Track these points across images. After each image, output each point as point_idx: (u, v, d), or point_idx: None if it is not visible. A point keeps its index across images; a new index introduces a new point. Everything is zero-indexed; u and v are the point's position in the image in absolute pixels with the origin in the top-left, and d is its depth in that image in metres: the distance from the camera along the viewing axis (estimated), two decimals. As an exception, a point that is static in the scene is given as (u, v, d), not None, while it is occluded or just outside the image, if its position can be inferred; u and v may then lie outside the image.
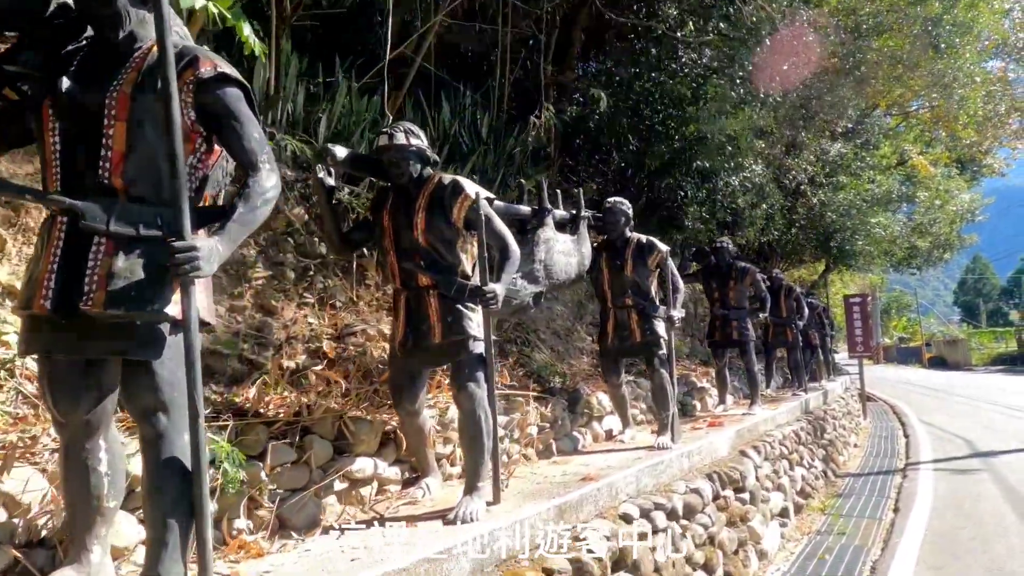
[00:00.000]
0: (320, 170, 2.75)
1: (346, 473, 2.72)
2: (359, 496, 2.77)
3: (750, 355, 6.70)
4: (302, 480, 2.54)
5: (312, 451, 2.57)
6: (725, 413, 6.64)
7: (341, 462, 2.71)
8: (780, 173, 12.78)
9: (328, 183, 2.80)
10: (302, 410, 2.66)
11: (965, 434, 10.81)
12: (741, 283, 6.70)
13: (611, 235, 4.75)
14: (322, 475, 2.62)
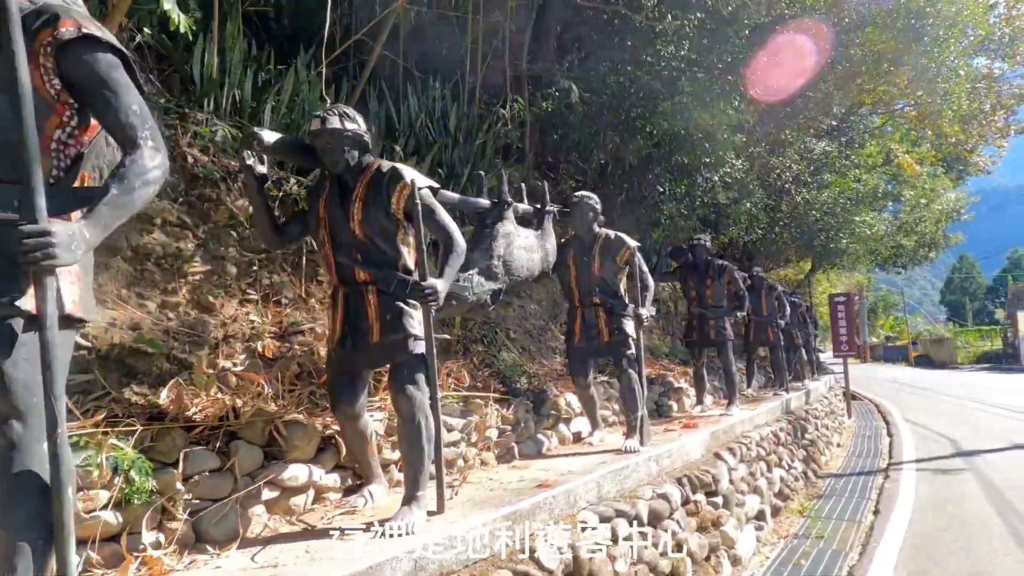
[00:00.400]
0: (248, 156, 2.56)
1: (276, 481, 2.53)
2: (290, 506, 2.58)
3: (728, 355, 6.55)
4: (225, 489, 2.35)
5: (237, 457, 2.38)
6: (702, 414, 6.49)
7: (271, 469, 2.52)
8: (764, 172, 12.69)
9: (258, 170, 2.60)
10: (227, 413, 2.47)
11: (949, 433, 10.74)
12: (719, 281, 6.55)
13: (578, 231, 4.58)
14: (249, 483, 2.44)
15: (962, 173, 20.58)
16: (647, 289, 4.60)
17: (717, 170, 7.37)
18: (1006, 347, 29.44)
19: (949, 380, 22.45)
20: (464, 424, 3.73)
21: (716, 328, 6.54)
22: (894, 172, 18.55)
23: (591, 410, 4.76)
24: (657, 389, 6.60)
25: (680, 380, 7.19)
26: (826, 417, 10.31)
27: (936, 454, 9.06)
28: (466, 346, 4.73)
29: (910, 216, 17.53)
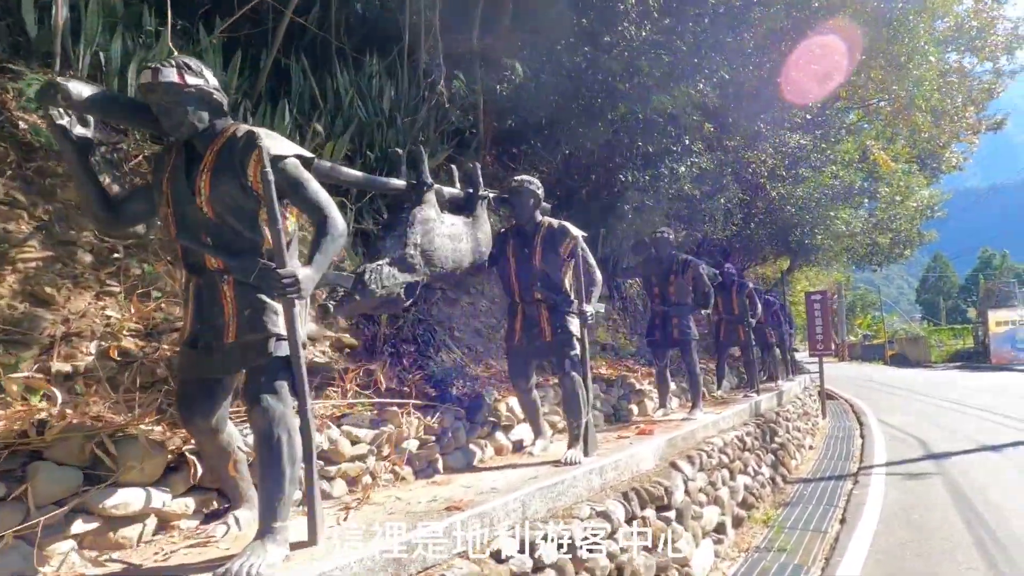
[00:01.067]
0: (59, 115, 2.07)
1: (96, 509, 2.06)
2: (118, 539, 2.11)
3: (691, 355, 6.15)
4: (12, 521, 1.87)
5: (31, 482, 1.90)
6: (664, 418, 6.10)
7: (87, 495, 2.04)
8: (740, 166, 12.35)
9: (76, 133, 2.12)
10: (29, 429, 1.98)
11: (920, 434, 10.49)
12: (682, 277, 6.15)
13: (519, 219, 4.14)
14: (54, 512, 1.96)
15: (936, 171, 20.51)
16: (593, 284, 4.17)
17: (684, 159, 6.97)
18: (977, 345, 29.57)
19: (923, 379, 22.40)
20: (375, 436, 3.28)
21: (680, 327, 6.14)
22: (870, 168, 18.40)
23: (534, 416, 4.32)
24: (617, 392, 6.19)
25: (643, 382, 6.79)
26: (799, 419, 9.99)
27: (907, 456, 8.79)
28: (396, 346, 4.27)
29: (885, 213, 17.34)
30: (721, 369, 8.62)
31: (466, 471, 3.73)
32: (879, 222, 17.32)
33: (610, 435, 4.99)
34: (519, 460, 4.03)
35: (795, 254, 12.71)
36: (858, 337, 47.67)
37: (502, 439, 4.24)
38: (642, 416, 6.25)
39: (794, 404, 9.99)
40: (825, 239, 12.21)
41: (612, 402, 5.95)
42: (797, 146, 12.06)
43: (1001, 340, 26.34)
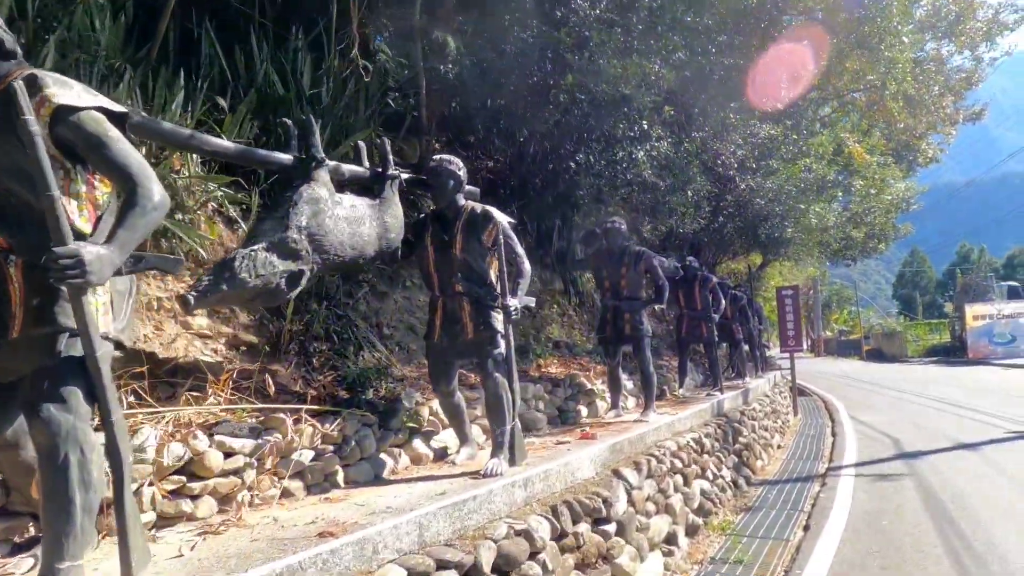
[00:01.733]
0: None
1: None
2: None
3: (644, 352, 5.78)
4: None
5: None
6: (616, 420, 5.73)
7: None
8: (708, 158, 12.03)
9: None
10: None
11: (894, 432, 10.25)
12: (635, 270, 5.77)
13: (438, 203, 3.73)
14: None
15: (912, 164, 20.43)
16: (521, 276, 3.77)
17: (642, 144, 6.60)
18: (954, 340, 29.71)
19: (898, 375, 22.35)
20: (255, 446, 2.85)
21: (632, 322, 5.77)
22: (845, 161, 18.23)
23: (458, 422, 3.92)
24: (564, 392, 5.80)
25: (595, 382, 6.41)
26: (766, 417, 9.70)
27: (878, 455, 8.52)
28: (303, 344, 3.84)
29: (860, 207, 17.16)
30: (683, 367, 8.28)
31: (372, 484, 3.32)
32: (853, 215, 17.14)
33: (550, 440, 4.61)
34: (437, 471, 3.63)
35: (765, 248, 12.42)
36: (834, 332, 47.91)
37: (421, 447, 3.83)
38: (592, 419, 5.88)
39: (762, 402, 9.70)
40: (796, 232, 11.92)
41: (558, 403, 5.57)
42: (767, 137, 11.76)
43: (978, 334, 26.43)
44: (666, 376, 8.43)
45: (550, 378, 5.82)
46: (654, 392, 5.84)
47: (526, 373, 5.74)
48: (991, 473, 7.03)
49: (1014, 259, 59.46)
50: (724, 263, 17.31)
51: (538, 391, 5.32)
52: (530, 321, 6.88)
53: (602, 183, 6.43)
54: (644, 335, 5.76)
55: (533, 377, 5.72)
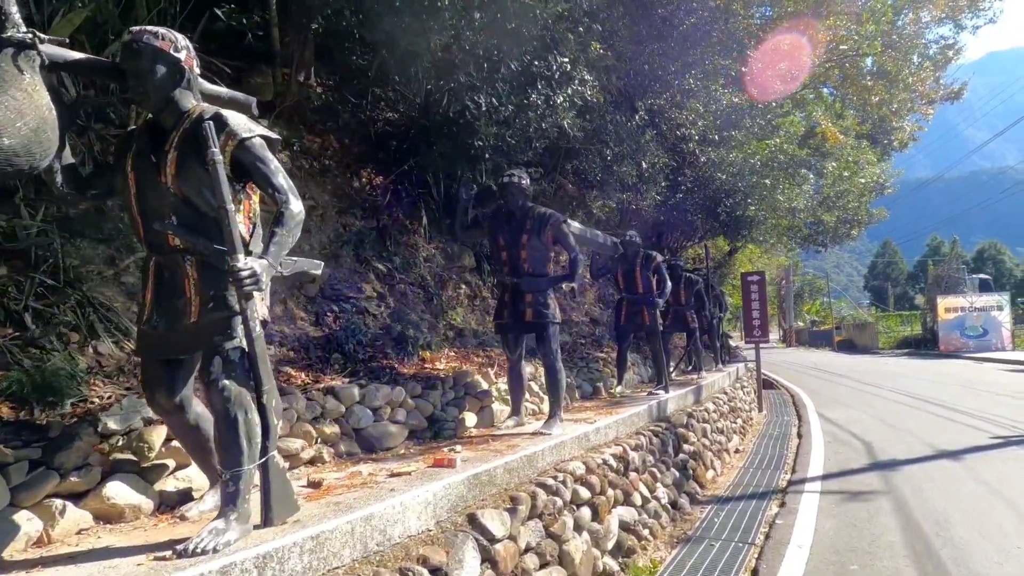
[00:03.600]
0: None
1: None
2: None
3: (549, 343, 4.44)
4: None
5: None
6: (513, 431, 4.40)
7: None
8: (666, 128, 10.74)
9: None
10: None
11: (865, 432, 9.12)
12: (538, 239, 4.43)
13: (144, 106, 2.33)
14: None
15: (887, 148, 19.40)
16: (282, 223, 2.33)
17: (563, 87, 5.25)
18: (925, 332, 29.02)
19: (869, 367, 21.44)
20: None
21: (535, 305, 4.42)
22: (817, 144, 17.12)
23: (201, 456, 2.52)
24: (445, 395, 4.45)
25: (498, 380, 5.07)
26: (723, 418, 8.46)
27: (848, 464, 7.35)
28: None
29: (832, 189, 16.04)
30: (622, 360, 6.97)
31: None
32: (825, 199, 16.01)
33: (391, 466, 3.24)
34: (122, 540, 2.23)
35: (727, 228, 11.18)
36: (806, 323, 47.32)
37: (124, 496, 2.42)
38: (482, 430, 4.53)
39: (718, 400, 8.45)
40: (760, 211, 10.68)
41: (429, 411, 4.21)
42: (730, 105, 10.49)
43: (949, 327, 25.69)
44: (602, 372, 7.12)
45: (429, 376, 4.47)
46: (561, 395, 4.50)
47: (395, 371, 4.38)
48: (979, 491, 5.86)
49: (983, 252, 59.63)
50: (691, 248, 16.11)
51: (396, 395, 3.96)
52: (425, 306, 5.51)
53: (509, 134, 5.06)
54: (548, 320, 4.42)
55: (404, 375, 4.36)
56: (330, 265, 4.70)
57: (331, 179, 5.21)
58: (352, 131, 5.83)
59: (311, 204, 4.77)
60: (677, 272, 8.86)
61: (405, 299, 5.24)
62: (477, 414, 4.55)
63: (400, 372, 4.40)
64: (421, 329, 5.22)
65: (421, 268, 5.53)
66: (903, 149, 19.31)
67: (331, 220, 4.98)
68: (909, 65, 12.27)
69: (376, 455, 3.56)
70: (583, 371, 6.73)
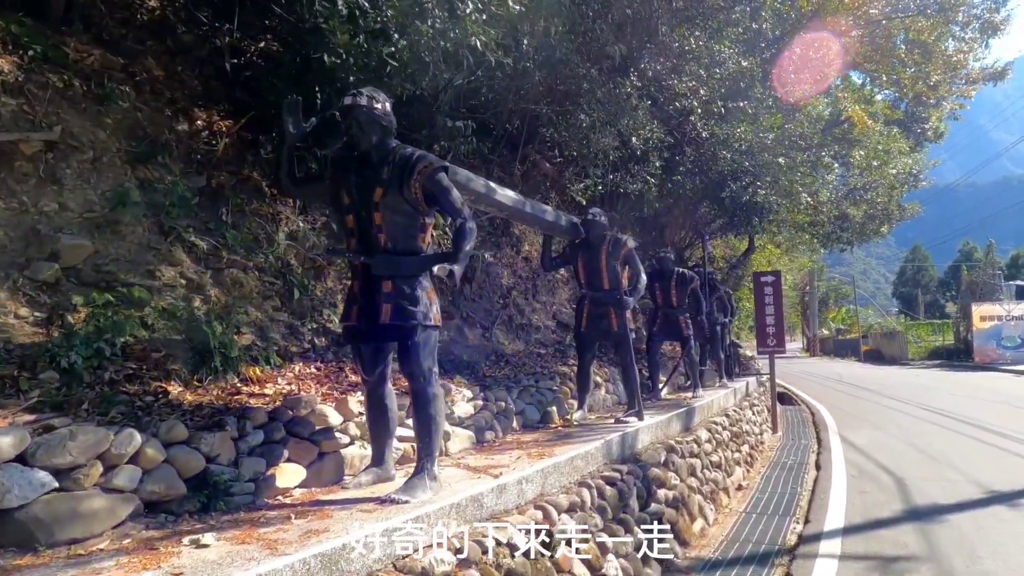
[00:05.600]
0: None
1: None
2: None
3: (416, 359, 2.85)
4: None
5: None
6: (360, 494, 2.83)
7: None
8: (664, 99, 9.10)
9: None
10: None
11: (897, 464, 7.40)
12: (401, 191, 2.87)
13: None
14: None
15: (920, 137, 17.46)
16: None
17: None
18: (958, 342, 26.84)
19: (899, 379, 19.44)
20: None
21: (395, 298, 2.85)
22: (842, 133, 15.31)
23: None
24: (252, 436, 2.87)
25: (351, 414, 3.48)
26: (722, 448, 6.78)
27: (876, 510, 5.70)
28: None
29: (859, 180, 14.21)
30: (584, 376, 5.34)
31: None
32: (851, 191, 14.18)
33: None
34: None
35: (733, 216, 9.49)
36: (831, 331, 44.93)
37: None
38: (318, 490, 2.95)
39: (714, 426, 6.77)
40: (772, 195, 8.98)
41: (196, 468, 2.58)
42: (738, 70, 8.83)
43: (985, 337, 23.53)
44: (558, 392, 5.51)
45: (229, 408, 2.92)
46: (434, 437, 2.89)
47: (162, 400, 2.83)
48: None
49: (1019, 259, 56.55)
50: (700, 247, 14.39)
51: (122, 444, 2.39)
52: (283, 301, 3.97)
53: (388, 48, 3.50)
54: (418, 324, 2.85)
55: (183, 405, 2.81)
56: (102, 236, 3.17)
57: (125, 112, 3.69)
58: (201, 61, 4.36)
59: (75, 144, 3.25)
60: (666, 266, 7.21)
61: (241, 290, 3.70)
62: (311, 466, 2.97)
63: (176, 399, 2.85)
64: (267, 335, 3.68)
65: (280, 249, 3.98)
66: (938, 140, 17.37)
67: (113, 169, 3.47)
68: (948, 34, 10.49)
69: (35, 555, 2.00)
70: (529, 391, 5.13)
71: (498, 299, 6.31)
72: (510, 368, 5.48)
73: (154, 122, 4.01)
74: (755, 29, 8.96)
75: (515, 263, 6.84)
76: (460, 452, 3.92)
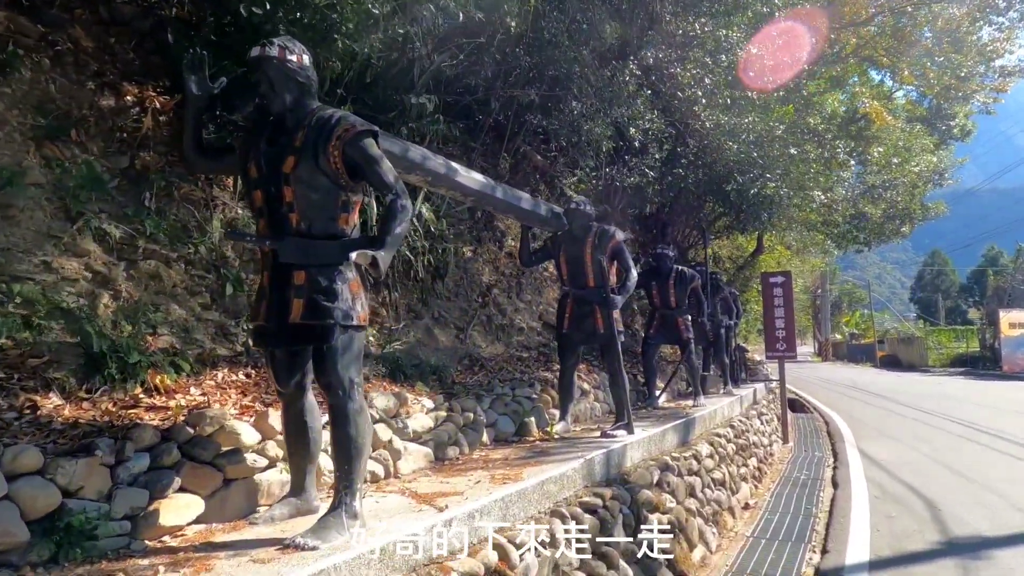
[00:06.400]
0: None
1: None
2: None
3: (334, 367, 2.28)
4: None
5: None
6: (276, 531, 2.30)
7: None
8: (666, 88, 8.54)
9: None
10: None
11: (925, 484, 6.77)
12: (316, 161, 2.35)
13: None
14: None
15: (945, 135, 16.68)
16: None
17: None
18: (984, 350, 25.87)
19: (919, 387, 18.63)
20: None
21: (310, 291, 2.33)
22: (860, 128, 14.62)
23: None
24: (130, 464, 2.35)
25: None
26: (726, 462, 6.19)
27: (906, 539, 5.08)
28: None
29: (877, 178, 13.51)
30: (567, 384, 4.78)
31: None
32: (869, 189, 13.48)
33: None
34: None
35: (738, 212, 8.87)
36: (844, 336, 43.84)
37: None
38: (219, 525, 2.42)
39: (719, 439, 6.18)
40: (781, 187, 8.36)
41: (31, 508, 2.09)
42: (747, 56, 8.26)
43: (1014, 344, 22.57)
44: (538, 401, 4.95)
45: (113, 425, 2.41)
46: (358, 463, 2.35)
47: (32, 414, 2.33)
48: None
49: (1048, 263, 55.04)
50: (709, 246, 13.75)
51: None
52: (213, 298, 3.47)
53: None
54: (337, 324, 2.32)
55: (56, 423, 2.31)
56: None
57: (32, 83, 3.22)
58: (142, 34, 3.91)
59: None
60: (664, 263, 6.64)
61: (161, 285, 3.20)
62: (212, 496, 2.44)
63: (48, 416, 2.35)
64: (192, 337, 3.17)
65: (214, 238, 3.48)
66: (964, 138, 16.57)
67: (11, 146, 3.00)
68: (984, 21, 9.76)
69: None
70: (503, 400, 4.58)
71: (477, 297, 5.78)
72: (485, 374, 4.95)
73: (72, 95, 3.54)
74: (765, 13, 8.38)
75: (498, 259, 6.30)
76: (413, 473, 3.38)
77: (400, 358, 4.35)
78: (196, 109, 2.54)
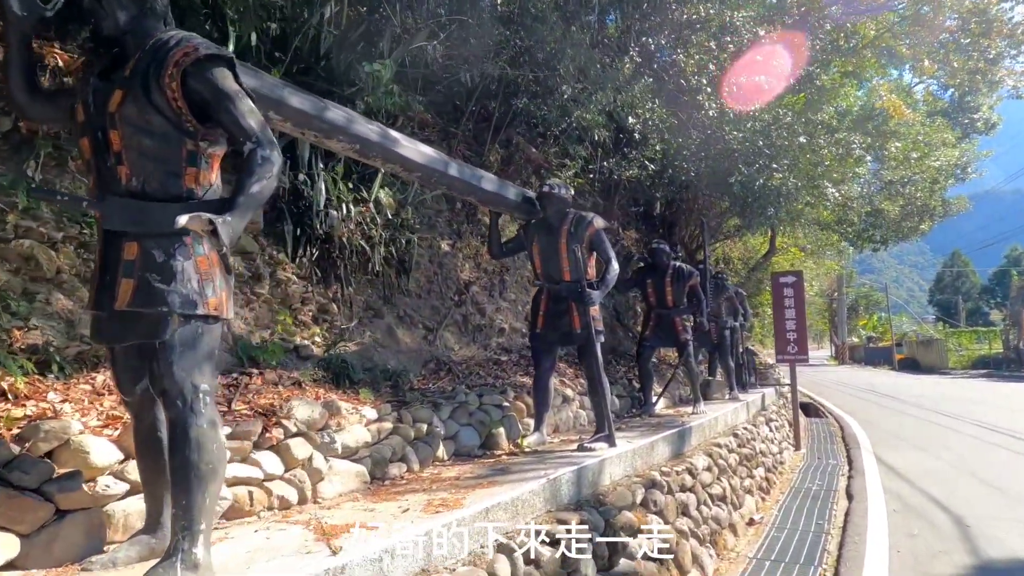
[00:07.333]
0: None
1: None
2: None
3: (169, 370, 1.79)
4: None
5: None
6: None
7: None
8: (669, 77, 7.97)
9: None
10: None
11: (947, 492, 6.16)
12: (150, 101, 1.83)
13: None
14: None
15: (968, 129, 15.89)
16: None
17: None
18: (1007, 351, 24.94)
19: (940, 390, 17.83)
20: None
21: (141, 273, 1.81)
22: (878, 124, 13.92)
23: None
24: None
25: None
26: (726, 475, 5.60)
27: (932, 563, 4.46)
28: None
29: (895, 174, 12.81)
30: (542, 389, 4.23)
31: None
32: (886, 185, 12.78)
33: None
34: None
35: (744, 206, 8.24)
36: (861, 339, 42.80)
37: None
38: (52, 572, 1.90)
39: (721, 448, 5.59)
40: (789, 178, 7.73)
41: None
42: (753, 40, 7.67)
43: (1040, 346, 21.70)
44: (509, 409, 4.40)
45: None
46: (200, 494, 1.82)
47: None
48: None
49: (1069, 265, 53.61)
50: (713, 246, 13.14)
51: None
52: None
53: None
54: (174, 313, 1.81)
55: None
56: None
57: None
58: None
59: None
60: (660, 259, 6.07)
61: (37, 270, 2.71)
62: (36, 534, 1.92)
63: None
64: (77, 331, 2.67)
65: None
66: (989, 131, 15.77)
67: None
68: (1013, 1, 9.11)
69: None
70: (466, 408, 4.03)
71: (452, 295, 5.24)
72: (452, 379, 4.40)
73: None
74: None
75: (479, 254, 5.78)
76: (338, 497, 2.85)
77: (349, 361, 3.82)
78: (22, 35, 1.95)
